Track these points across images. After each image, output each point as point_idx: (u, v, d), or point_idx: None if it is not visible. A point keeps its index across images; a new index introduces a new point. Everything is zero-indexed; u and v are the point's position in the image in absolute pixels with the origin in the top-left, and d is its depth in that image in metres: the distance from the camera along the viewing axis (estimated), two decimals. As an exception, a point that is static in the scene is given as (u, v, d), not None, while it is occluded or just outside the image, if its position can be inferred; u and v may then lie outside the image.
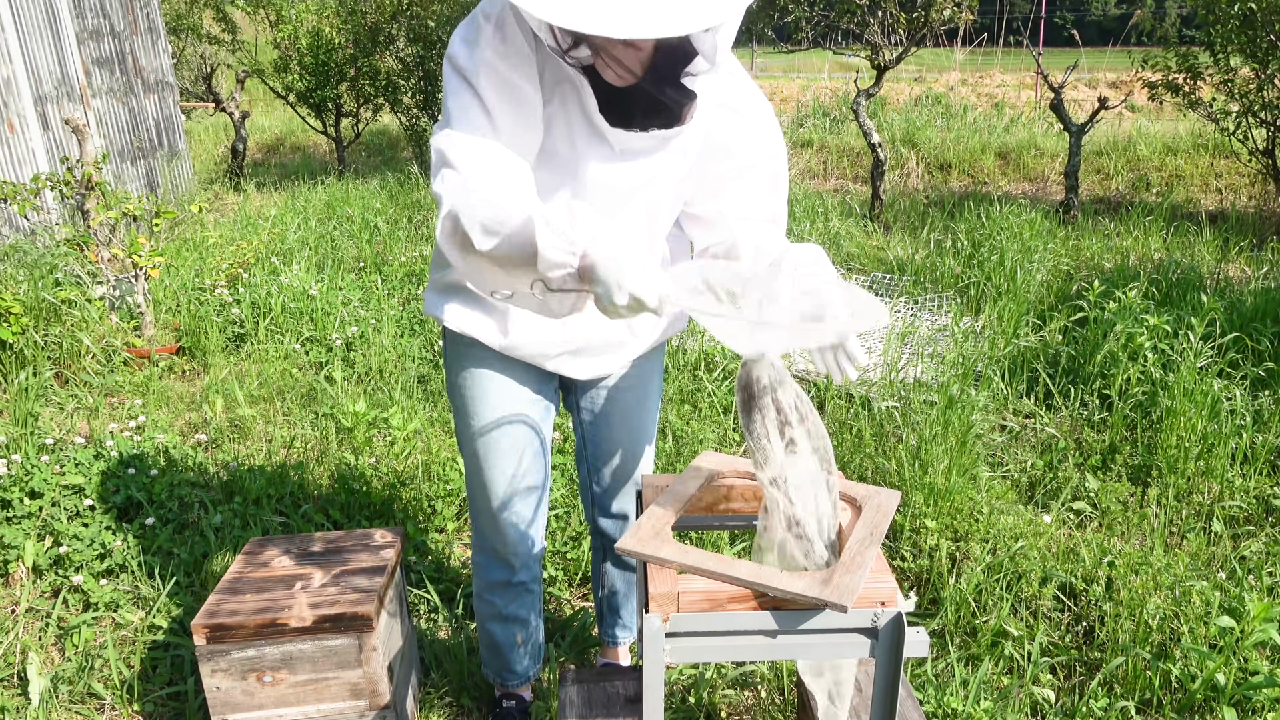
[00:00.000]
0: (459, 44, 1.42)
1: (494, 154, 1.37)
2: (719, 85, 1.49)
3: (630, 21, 1.16)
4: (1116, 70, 14.04)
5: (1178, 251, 5.70)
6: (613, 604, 2.19)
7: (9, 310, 3.85)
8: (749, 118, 1.56)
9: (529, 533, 1.88)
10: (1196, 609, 2.34)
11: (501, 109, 1.39)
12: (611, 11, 1.17)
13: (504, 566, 1.92)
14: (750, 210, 1.62)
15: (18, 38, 5.78)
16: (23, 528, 2.67)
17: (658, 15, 1.17)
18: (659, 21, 1.16)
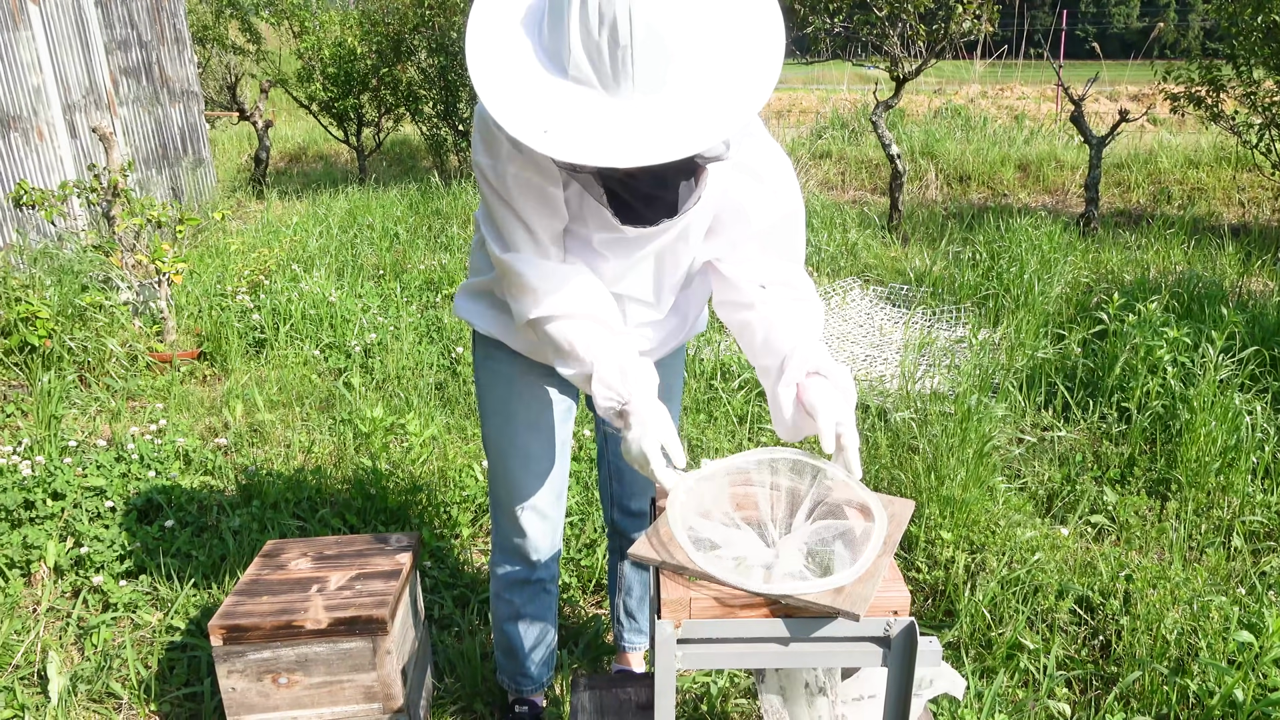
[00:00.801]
0: (482, 154, 1.49)
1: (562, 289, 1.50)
2: (737, 147, 1.49)
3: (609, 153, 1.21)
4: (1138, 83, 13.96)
5: (1199, 265, 5.66)
6: (628, 607, 2.19)
7: (36, 314, 3.91)
8: (769, 182, 1.55)
9: (548, 530, 1.90)
10: (1215, 624, 2.31)
11: (538, 220, 1.50)
12: (589, 144, 1.21)
13: (523, 564, 1.94)
14: (767, 275, 1.60)
15: (48, 47, 5.88)
16: (45, 528, 2.71)
17: (636, 148, 1.21)
18: (637, 153, 1.20)
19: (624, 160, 1.21)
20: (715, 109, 1.23)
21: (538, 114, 1.24)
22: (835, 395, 1.46)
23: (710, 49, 1.24)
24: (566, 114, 1.23)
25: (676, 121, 1.23)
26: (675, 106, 1.23)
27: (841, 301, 5.22)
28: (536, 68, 1.27)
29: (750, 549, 1.35)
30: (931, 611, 2.54)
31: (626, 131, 1.22)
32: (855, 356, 4.47)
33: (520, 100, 1.25)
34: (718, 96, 1.24)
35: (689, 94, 1.24)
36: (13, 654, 2.34)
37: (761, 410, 3.70)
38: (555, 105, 1.24)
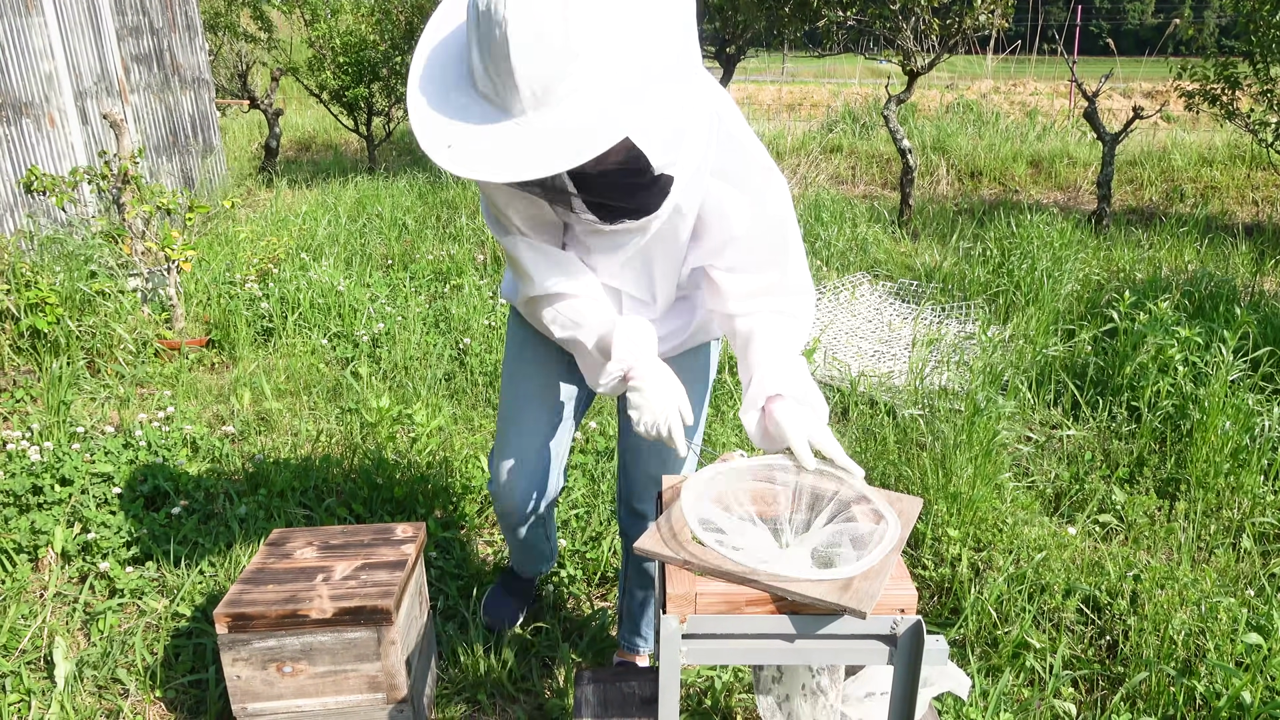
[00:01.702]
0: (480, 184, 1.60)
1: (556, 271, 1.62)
2: (718, 154, 1.51)
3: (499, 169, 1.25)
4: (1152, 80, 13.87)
5: (1211, 264, 5.62)
6: (631, 610, 2.19)
7: (45, 300, 3.92)
8: (748, 190, 1.55)
9: (527, 474, 1.99)
10: (1223, 625, 2.30)
11: (525, 217, 1.62)
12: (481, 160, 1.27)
13: (506, 499, 2.04)
14: (750, 284, 1.62)
15: (60, 34, 5.89)
16: (53, 514, 2.72)
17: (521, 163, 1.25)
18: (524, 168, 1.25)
19: (507, 177, 1.25)
20: (600, 123, 1.25)
21: (446, 130, 1.29)
22: (801, 413, 1.49)
23: (598, 61, 1.25)
24: (470, 130, 1.28)
25: (563, 136, 1.25)
26: (564, 121, 1.25)
27: (851, 297, 5.20)
28: (459, 85, 1.31)
29: (758, 544, 1.34)
30: (937, 609, 2.53)
31: (515, 148, 1.26)
32: (864, 352, 4.45)
33: (435, 117, 1.31)
34: (600, 112, 1.25)
35: (575, 109, 1.25)
36: (20, 639, 2.35)
37: (769, 405, 3.68)
38: (463, 122, 1.29)
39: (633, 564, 2.12)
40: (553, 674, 2.31)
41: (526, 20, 1.19)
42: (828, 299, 5.14)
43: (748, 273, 1.62)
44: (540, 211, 1.60)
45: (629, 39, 1.26)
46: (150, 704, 2.19)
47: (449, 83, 1.32)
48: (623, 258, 1.62)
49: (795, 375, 1.55)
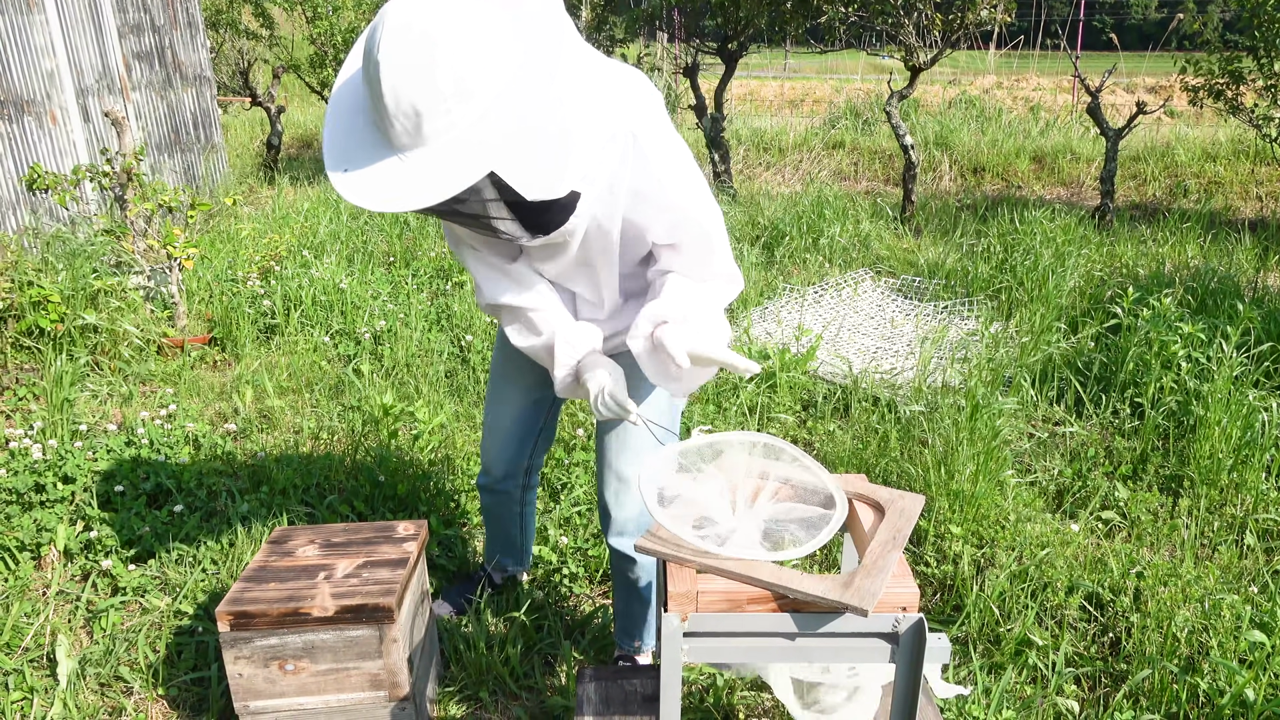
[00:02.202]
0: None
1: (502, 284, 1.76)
2: (632, 173, 1.58)
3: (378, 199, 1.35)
4: (1155, 75, 13.82)
5: (1215, 259, 5.60)
6: (619, 611, 2.20)
7: (47, 298, 3.92)
8: (666, 206, 1.63)
9: (509, 451, 2.21)
10: (1226, 623, 2.30)
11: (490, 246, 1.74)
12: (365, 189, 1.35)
13: (486, 474, 2.29)
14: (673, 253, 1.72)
15: (62, 31, 5.89)
16: (55, 511, 2.72)
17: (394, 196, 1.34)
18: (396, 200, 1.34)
19: (386, 207, 1.35)
20: (462, 165, 1.33)
21: (345, 153, 1.38)
22: (682, 330, 1.60)
23: (468, 104, 1.31)
24: (364, 160, 1.36)
25: (431, 174, 1.33)
26: (435, 159, 1.33)
27: (853, 293, 5.19)
28: (364, 113, 1.39)
29: (714, 506, 1.36)
30: (939, 606, 2.53)
31: (396, 181, 1.34)
32: (866, 349, 4.45)
33: (340, 139, 1.40)
34: (470, 150, 1.33)
35: (448, 147, 1.33)
36: (23, 637, 2.35)
37: (772, 401, 3.69)
38: (361, 151, 1.37)
39: (613, 563, 2.11)
40: (554, 672, 2.31)
41: (396, 62, 1.27)
42: (830, 295, 5.13)
43: (676, 271, 1.72)
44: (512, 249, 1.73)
45: (502, 78, 1.33)
46: (153, 702, 2.19)
47: (357, 108, 1.40)
48: (563, 264, 1.72)
49: (683, 302, 1.65)
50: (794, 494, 1.47)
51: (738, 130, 10.05)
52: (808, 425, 3.59)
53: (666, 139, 1.62)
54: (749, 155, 9.55)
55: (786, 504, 1.42)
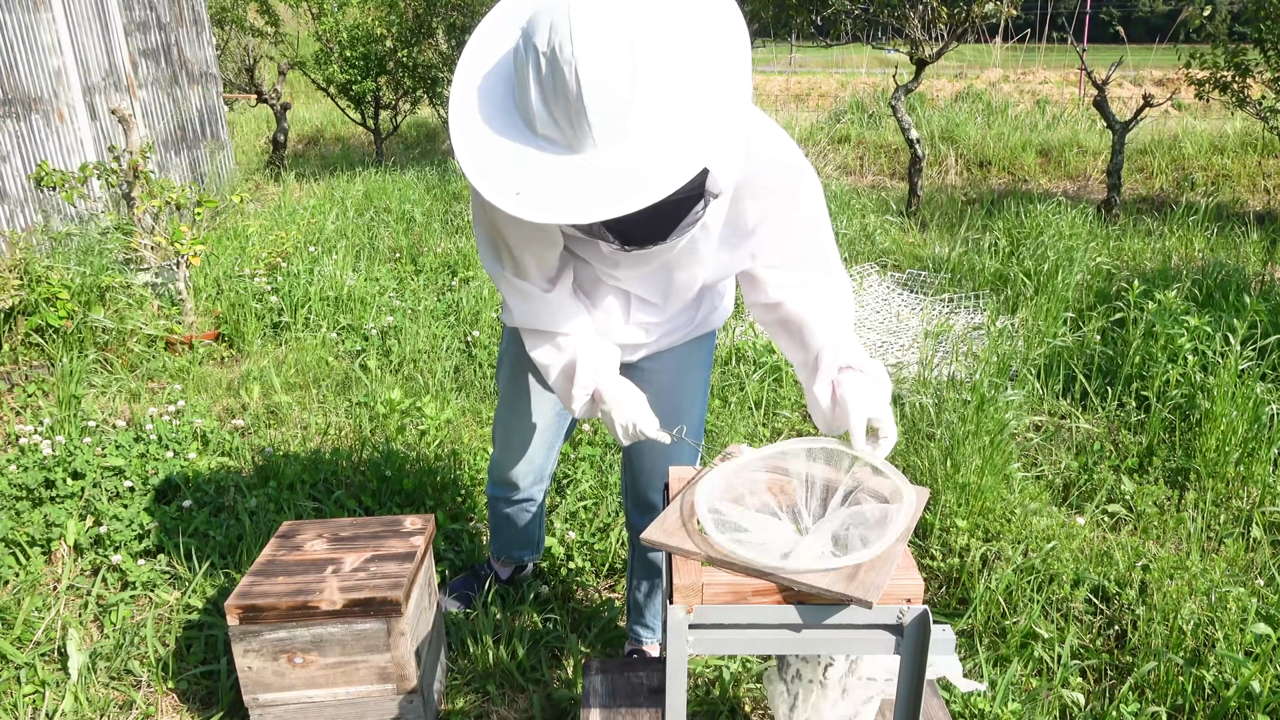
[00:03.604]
0: (476, 206, 1.64)
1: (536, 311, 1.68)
2: (747, 169, 1.50)
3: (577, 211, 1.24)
4: (1162, 68, 13.75)
5: (1222, 252, 5.59)
6: (637, 601, 2.21)
7: (56, 295, 3.94)
8: (778, 199, 1.57)
9: (535, 463, 2.18)
10: (1232, 615, 2.30)
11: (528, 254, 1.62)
12: (557, 203, 1.25)
13: (504, 487, 2.26)
14: (791, 278, 1.65)
15: (69, 29, 5.91)
16: (65, 507, 2.74)
17: (601, 202, 1.22)
18: (603, 207, 1.22)
19: (591, 216, 1.23)
20: (677, 155, 1.23)
21: (510, 176, 1.26)
22: (869, 388, 1.50)
23: (667, 93, 1.24)
24: (537, 174, 1.25)
25: (639, 171, 1.23)
26: (638, 156, 1.24)
27: (859, 287, 5.19)
28: (511, 128, 1.28)
29: (777, 536, 1.35)
30: (945, 599, 2.54)
31: (592, 186, 1.24)
32: (872, 343, 4.44)
33: (494, 163, 1.28)
34: (679, 141, 1.24)
35: (651, 142, 1.24)
36: (34, 631, 2.37)
37: (778, 396, 3.69)
38: (526, 166, 1.26)
39: (638, 556, 2.13)
40: (561, 665, 2.32)
41: (597, 59, 1.18)
42: (835, 290, 5.13)
43: (788, 269, 1.64)
44: (548, 246, 1.60)
45: (694, 70, 1.25)
46: (163, 695, 2.21)
47: (502, 126, 1.29)
48: (646, 270, 1.65)
49: (859, 349, 1.57)
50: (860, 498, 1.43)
51: (743, 125, 10.02)
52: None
53: (769, 127, 1.54)
54: (754, 150, 9.53)
55: (852, 509, 1.40)
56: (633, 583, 2.20)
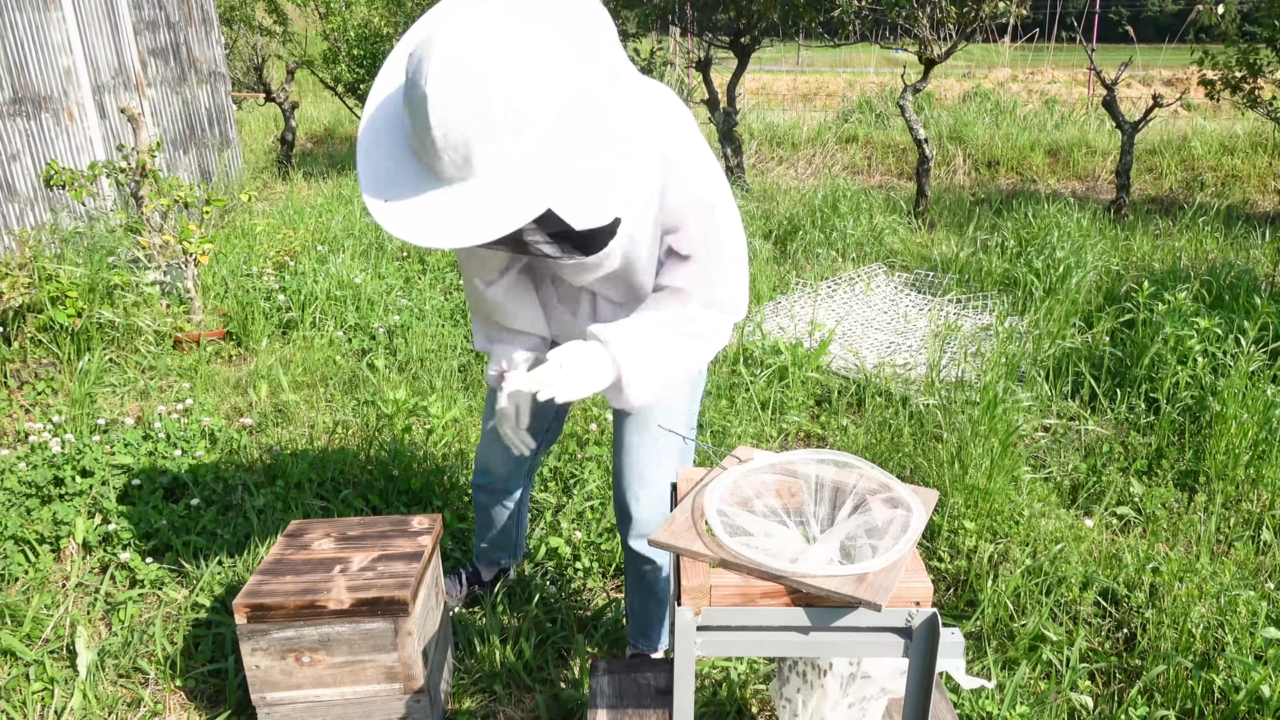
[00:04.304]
0: None
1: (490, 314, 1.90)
2: (663, 191, 1.59)
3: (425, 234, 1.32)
4: (1172, 67, 13.70)
5: (1232, 253, 5.56)
6: (633, 609, 2.18)
7: (65, 293, 3.95)
8: (689, 219, 1.64)
9: (508, 461, 2.23)
10: (1242, 619, 2.28)
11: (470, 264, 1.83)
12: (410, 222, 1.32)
13: (484, 472, 2.30)
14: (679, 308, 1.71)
15: (78, 28, 5.93)
16: (74, 505, 2.75)
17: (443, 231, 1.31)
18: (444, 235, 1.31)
19: (429, 242, 1.31)
20: (514, 201, 1.30)
21: (386, 184, 1.34)
22: (581, 351, 1.63)
23: (520, 135, 1.28)
24: (403, 189, 1.33)
25: (480, 209, 1.30)
26: (485, 193, 1.30)
27: (866, 288, 5.18)
28: (402, 142, 1.36)
29: (786, 541, 1.34)
30: (953, 601, 2.53)
31: (439, 213, 1.31)
32: (880, 344, 4.44)
33: (378, 170, 1.36)
34: (520, 186, 1.30)
35: (499, 181, 1.30)
36: (43, 628, 2.38)
37: (785, 397, 3.68)
38: (399, 178, 1.34)
39: (629, 564, 2.09)
40: (568, 665, 2.32)
41: (446, 92, 1.23)
42: (843, 290, 5.12)
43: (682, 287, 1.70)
44: (470, 253, 1.76)
45: (553, 108, 1.29)
46: (171, 693, 2.21)
47: (394, 138, 1.36)
48: (594, 276, 1.74)
49: (635, 333, 1.65)
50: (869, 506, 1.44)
51: (750, 124, 10.03)
52: (821, 420, 3.59)
53: (702, 159, 1.62)
54: (762, 149, 9.52)
55: (861, 517, 1.39)
56: (627, 591, 2.18)
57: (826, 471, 1.47)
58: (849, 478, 1.47)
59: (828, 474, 1.47)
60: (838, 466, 1.49)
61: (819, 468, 1.48)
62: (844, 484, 1.45)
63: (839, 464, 1.49)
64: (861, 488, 1.44)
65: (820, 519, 1.40)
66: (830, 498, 1.44)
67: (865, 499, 1.42)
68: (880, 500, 1.41)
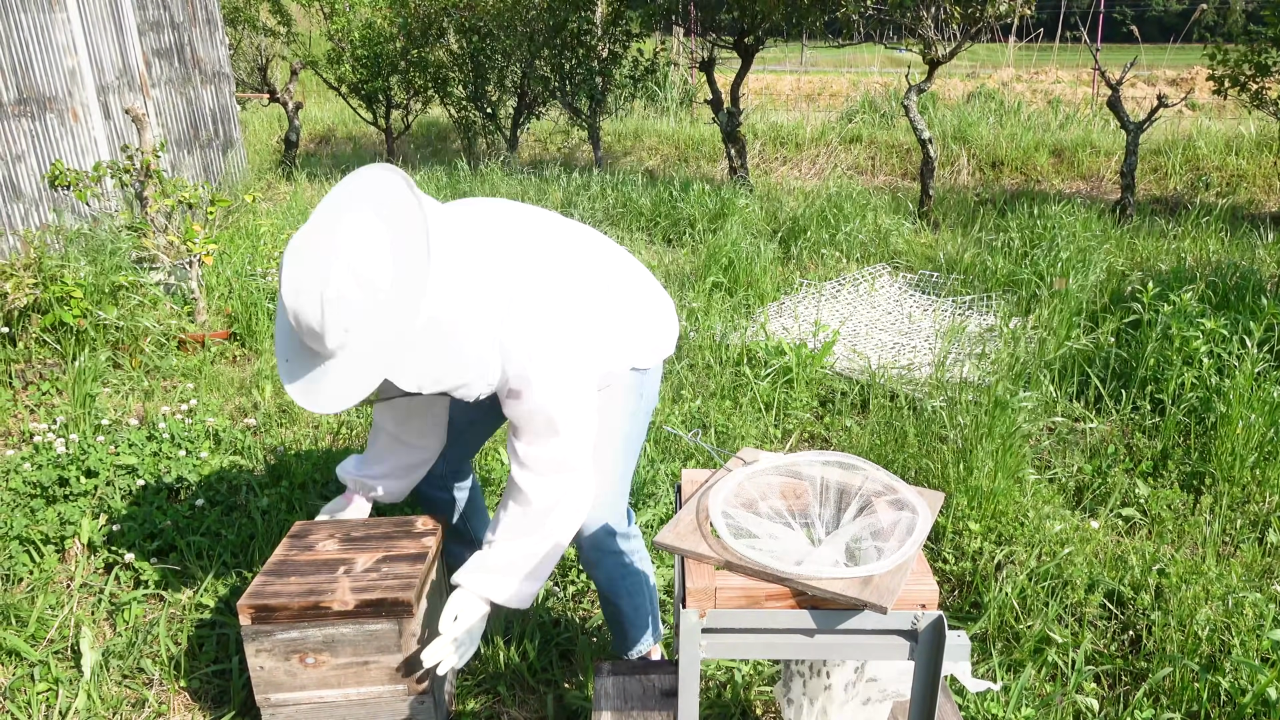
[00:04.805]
0: None
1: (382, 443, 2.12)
2: (504, 361, 1.74)
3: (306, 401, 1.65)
4: (1176, 67, 13.67)
5: (1237, 254, 5.55)
6: (609, 619, 2.16)
7: (70, 294, 3.96)
8: (515, 398, 1.78)
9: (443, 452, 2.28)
10: (1249, 621, 2.28)
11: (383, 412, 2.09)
12: (301, 394, 1.66)
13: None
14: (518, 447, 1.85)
15: (83, 29, 5.94)
16: (79, 505, 2.75)
17: (313, 401, 1.65)
18: (314, 404, 1.65)
19: (299, 401, 1.66)
20: (359, 377, 1.60)
21: (290, 347, 1.68)
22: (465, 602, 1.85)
23: (353, 331, 1.57)
24: (296, 353, 1.67)
25: (329, 384, 1.63)
26: (339, 369, 1.61)
27: (870, 288, 5.17)
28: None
29: (791, 543, 1.34)
30: (958, 603, 2.52)
31: (308, 379, 1.65)
32: (884, 344, 4.43)
33: (284, 344, 1.70)
34: (358, 370, 1.60)
35: (341, 364, 1.61)
36: (48, 629, 2.38)
37: (789, 397, 3.68)
38: (293, 350, 1.67)
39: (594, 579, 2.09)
40: (573, 666, 2.32)
41: (294, 293, 1.57)
42: (847, 291, 5.11)
43: (519, 455, 1.83)
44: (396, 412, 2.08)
45: (378, 301, 1.56)
46: (175, 694, 2.21)
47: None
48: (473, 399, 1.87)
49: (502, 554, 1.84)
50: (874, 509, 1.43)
51: (754, 125, 10.02)
52: (825, 421, 3.59)
53: (534, 335, 1.73)
54: (765, 150, 9.52)
55: (866, 519, 1.39)
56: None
57: (831, 473, 1.47)
58: (854, 480, 1.46)
59: (833, 476, 1.47)
60: (843, 468, 1.48)
61: (824, 469, 1.47)
62: (849, 486, 1.45)
63: (844, 466, 1.49)
64: (867, 490, 1.44)
65: (825, 521, 1.40)
66: (835, 500, 1.43)
67: (870, 501, 1.42)
68: (885, 502, 1.41)
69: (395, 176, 1.63)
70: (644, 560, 2.10)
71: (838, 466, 1.49)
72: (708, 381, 3.80)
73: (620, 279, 1.99)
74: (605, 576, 2.04)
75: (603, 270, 1.94)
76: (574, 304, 1.80)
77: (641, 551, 2.09)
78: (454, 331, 1.64)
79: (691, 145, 9.80)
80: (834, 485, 1.45)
